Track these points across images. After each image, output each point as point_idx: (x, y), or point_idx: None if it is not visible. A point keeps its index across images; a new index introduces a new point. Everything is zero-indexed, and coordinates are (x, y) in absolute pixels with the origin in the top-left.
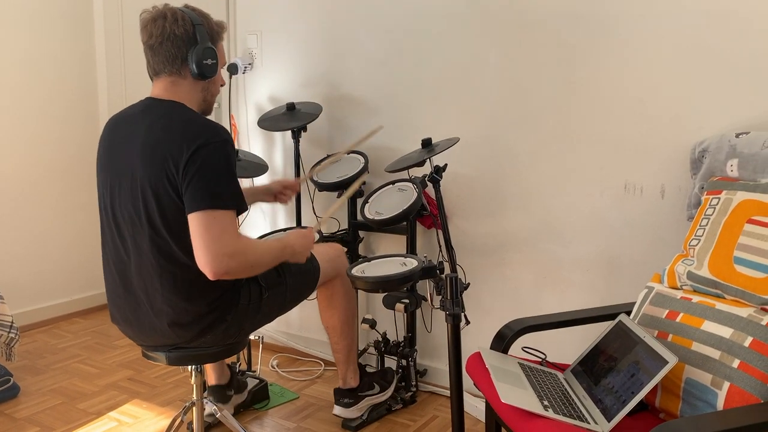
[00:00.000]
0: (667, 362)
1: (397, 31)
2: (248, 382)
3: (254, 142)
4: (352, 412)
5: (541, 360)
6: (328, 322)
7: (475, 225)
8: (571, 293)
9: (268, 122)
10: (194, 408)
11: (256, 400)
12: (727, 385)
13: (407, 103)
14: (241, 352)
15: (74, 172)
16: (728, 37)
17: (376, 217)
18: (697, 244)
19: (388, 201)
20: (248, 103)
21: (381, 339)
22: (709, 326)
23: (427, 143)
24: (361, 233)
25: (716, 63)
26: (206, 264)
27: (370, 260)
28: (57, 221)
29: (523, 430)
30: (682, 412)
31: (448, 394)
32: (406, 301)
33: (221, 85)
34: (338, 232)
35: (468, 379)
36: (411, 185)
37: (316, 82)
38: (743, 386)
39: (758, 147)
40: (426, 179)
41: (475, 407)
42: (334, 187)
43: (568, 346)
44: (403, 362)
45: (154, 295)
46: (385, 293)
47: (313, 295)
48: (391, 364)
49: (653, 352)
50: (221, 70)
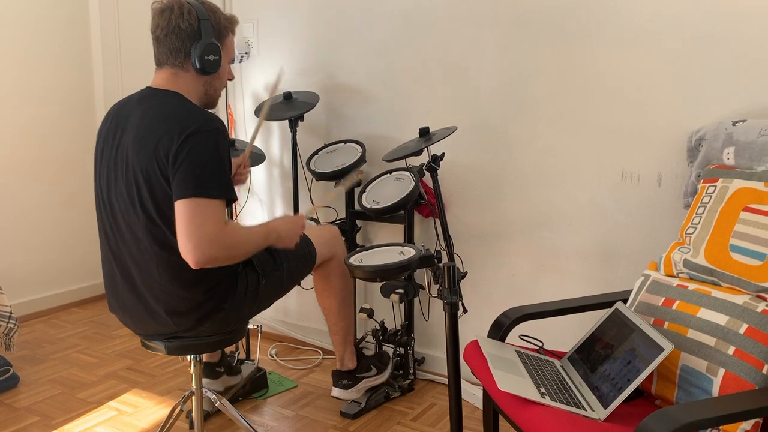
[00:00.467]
0: (663, 349)
1: (395, 20)
2: (245, 370)
3: (251, 132)
4: (351, 394)
5: (538, 348)
6: (325, 303)
7: (473, 214)
8: (568, 281)
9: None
10: (194, 397)
11: (255, 388)
12: (722, 371)
13: (405, 92)
14: (240, 341)
15: (72, 163)
16: (726, 26)
17: (373, 206)
18: (693, 232)
19: (386, 190)
20: (245, 93)
21: (379, 328)
22: (705, 313)
23: (424, 132)
24: (359, 222)
25: (713, 51)
26: (188, 252)
27: (367, 249)
28: (55, 212)
29: (521, 417)
30: (677, 398)
31: (446, 381)
32: (401, 292)
33: (230, 79)
34: (336, 221)
35: (466, 367)
36: (408, 174)
37: (314, 71)
38: (738, 372)
39: (755, 135)
40: (424, 168)
41: (473, 395)
42: (332, 177)
43: (565, 334)
44: (401, 350)
45: (152, 284)
46: (383, 282)
47: (310, 284)
48: (389, 352)
49: (649, 340)
50: (230, 65)
